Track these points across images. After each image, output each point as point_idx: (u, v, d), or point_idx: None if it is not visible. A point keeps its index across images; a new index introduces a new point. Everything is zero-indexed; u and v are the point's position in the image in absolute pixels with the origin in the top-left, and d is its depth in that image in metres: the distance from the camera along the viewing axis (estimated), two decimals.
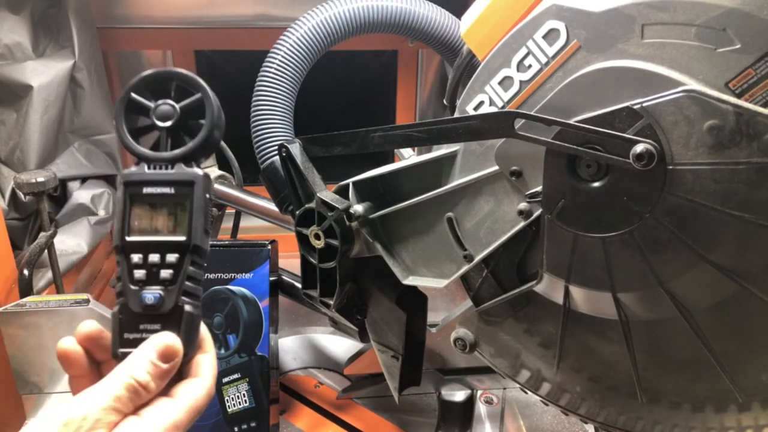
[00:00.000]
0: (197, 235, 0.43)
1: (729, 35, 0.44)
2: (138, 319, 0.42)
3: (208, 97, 0.44)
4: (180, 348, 0.41)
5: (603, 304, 0.54)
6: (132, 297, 0.42)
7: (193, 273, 0.43)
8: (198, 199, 0.43)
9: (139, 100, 0.44)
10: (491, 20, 0.55)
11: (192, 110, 0.44)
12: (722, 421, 0.55)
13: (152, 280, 0.42)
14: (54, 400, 0.87)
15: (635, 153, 0.46)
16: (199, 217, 0.43)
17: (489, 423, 0.90)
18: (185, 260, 0.42)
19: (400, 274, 0.65)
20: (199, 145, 0.43)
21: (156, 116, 0.44)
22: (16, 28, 1.05)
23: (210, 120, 0.43)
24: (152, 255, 0.42)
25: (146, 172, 0.43)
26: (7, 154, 1.07)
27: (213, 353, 0.45)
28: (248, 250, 0.85)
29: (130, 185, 0.43)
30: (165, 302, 0.42)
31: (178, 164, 0.43)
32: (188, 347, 0.42)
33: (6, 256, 0.87)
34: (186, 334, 0.42)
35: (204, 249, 0.44)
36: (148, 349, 0.40)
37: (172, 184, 0.43)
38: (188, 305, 0.42)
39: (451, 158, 0.59)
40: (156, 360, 0.40)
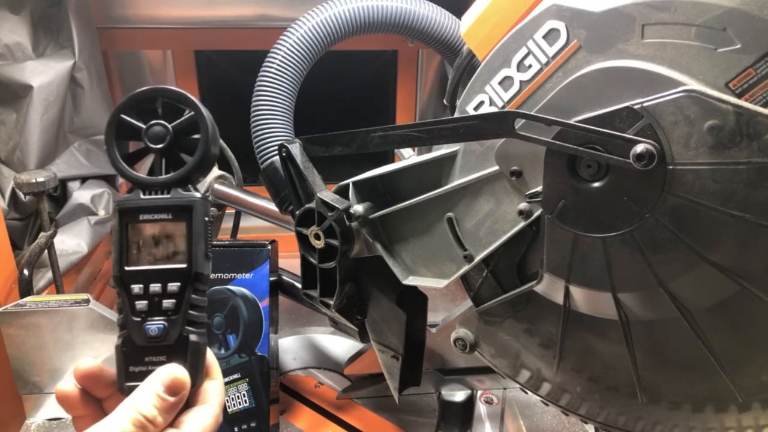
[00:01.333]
0: (198, 262, 0.41)
1: (729, 35, 0.44)
2: (142, 351, 0.41)
3: (202, 115, 0.42)
4: (187, 380, 0.40)
5: (603, 304, 0.54)
6: (135, 329, 0.41)
7: (196, 301, 0.42)
8: (197, 224, 0.41)
9: (130, 122, 0.42)
10: (491, 20, 0.55)
11: (185, 129, 0.42)
12: (722, 421, 0.55)
13: (154, 310, 0.41)
14: (54, 400, 0.87)
15: (635, 153, 0.46)
16: (199, 243, 0.41)
17: (489, 423, 0.90)
18: (187, 289, 0.41)
19: (400, 274, 0.65)
20: (194, 167, 0.42)
21: (148, 138, 0.42)
22: (16, 28, 1.05)
23: (205, 140, 0.42)
24: (153, 285, 0.41)
25: (141, 198, 0.42)
26: (7, 154, 1.07)
27: (220, 380, 0.44)
28: (248, 250, 0.85)
29: (126, 213, 0.41)
30: (169, 333, 0.41)
31: (174, 188, 0.42)
32: (195, 377, 0.41)
33: (6, 256, 0.87)
34: (192, 364, 0.41)
35: (206, 275, 0.42)
36: (154, 383, 0.39)
37: (169, 210, 0.41)
38: (193, 335, 0.41)
39: (451, 158, 0.59)
40: (163, 393, 0.39)
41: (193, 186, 0.43)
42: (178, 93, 0.42)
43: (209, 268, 0.43)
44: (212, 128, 0.42)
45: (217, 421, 0.41)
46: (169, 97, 0.43)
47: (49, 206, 1.07)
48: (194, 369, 0.41)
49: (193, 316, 0.42)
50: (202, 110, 0.42)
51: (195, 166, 0.42)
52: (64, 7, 1.10)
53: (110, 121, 0.42)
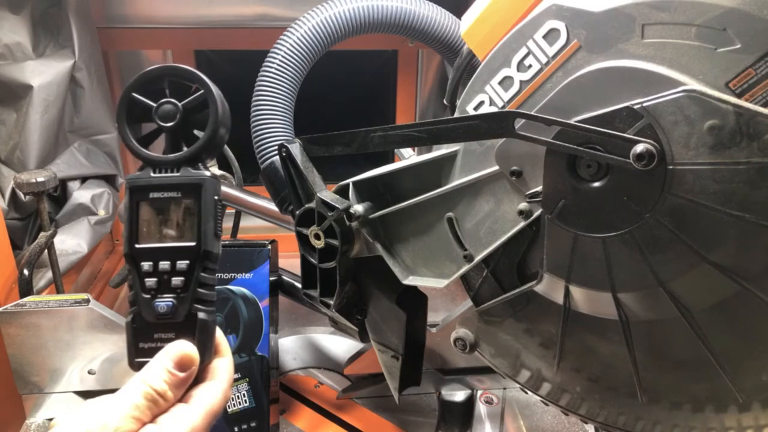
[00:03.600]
0: (207, 240, 0.41)
1: (729, 35, 0.44)
2: (152, 328, 0.41)
3: (211, 93, 0.42)
4: (196, 356, 0.41)
5: (603, 304, 0.54)
6: (145, 306, 0.41)
7: (205, 279, 0.42)
8: (206, 203, 0.41)
9: (141, 100, 0.42)
10: (491, 20, 0.55)
11: (195, 108, 0.42)
12: (722, 421, 0.55)
13: (164, 288, 0.41)
14: (54, 399, 0.87)
15: (635, 153, 0.46)
16: (208, 221, 0.41)
17: (489, 423, 0.90)
18: (196, 267, 0.41)
19: (400, 274, 0.65)
20: (203, 146, 0.42)
21: (159, 116, 0.42)
22: (16, 28, 1.05)
23: (214, 118, 0.42)
24: (162, 262, 0.41)
25: (151, 176, 0.42)
26: (7, 154, 1.07)
27: (230, 357, 0.44)
28: (248, 250, 0.85)
29: (136, 191, 0.42)
30: (178, 311, 0.41)
31: (184, 166, 0.42)
32: (204, 354, 0.42)
33: (6, 256, 0.87)
34: (201, 341, 0.41)
35: (215, 253, 0.42)
36: (164, 359, 0.40)
37: (179, 188, 0.42)
38: (202, 312, 0.42)
39: (451, 158, 0.59)
40: (173, 369, 0.40)
41: (203, 165, 0.43)
42: (188, 71, 0.42)
43: (219, 246, 0.43)
44: (222, 106, 0.42)
45: (226, 396, 0.42)
46: (178, 76, 0.43)
47: (49, 206, 1.07)
48: (203, 346, 0.41)
49: (201, 294, 0.42)
50: (212, 87, 0.42)
51: (204, 144, 0.42)
52: (64, 7, 1.10)
53: (121, 100, 0.42)
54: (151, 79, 0.43)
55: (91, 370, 0.85)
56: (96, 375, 0.86)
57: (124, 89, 0.43)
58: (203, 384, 0.42)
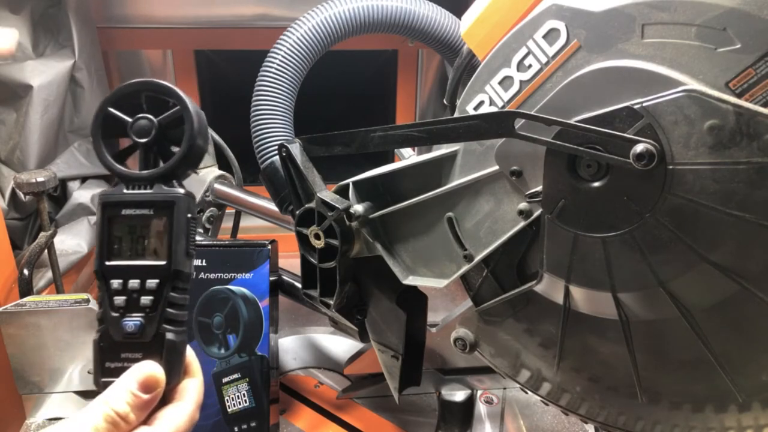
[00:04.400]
0: (178, 259, 0.41)
1: (729, 35, 0.44)
2: (119, 347, 0.41)
3: (187, 109, 0.41)
4: (162, 378, 0.40)
5: (603, 304, 0.54)
6: (113, 324, 0.41)
7: (175, 299, 0.41)
8: (178, 221, 0.41)
9: (116, 115, 0.42)
10: (491, 20, 0.55)
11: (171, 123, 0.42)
12: (722, 421, 0.55)
13: (132, 306, 0.41)
14: (54, 399, 0.87)
15: (635, 153, 0.46)
16: (179, 240, 0.41)
17: (489, 423, 0.90)
18: (166, 286, 0.41)
19: (400, 274, 0.65)
20: (177, 163, 0.41)
21: (134, 132, 0.42)
22: (16, 27, 1.05)
23: (189, 134, 0.41)
24: (132, 281, 0.41)
25: (124, 193, 0.41)
26: (7, 154, 1.07)
27: (199, 378, 0.43)
28: (248, 250, 0.85)
29: (108, 206, 0.41)
30: (146, 330, 0.40)
31: (158, 183, 0.41)
32: (171, 376, 0.41)
33: (6, 256, 0.87)
34: (169, 362, 0.41)
35: (186, 273, 0.42)
36: (129, 380, 0.39)
37: (151, 206, 0.41)
38: (170, 333, 0.41)
39: (451, 158, 0.59)
40: (136, 391, 0.39)
41: (178, 181, 0.42)
42: (164, 86, 0.42)
43: (191, 266, 0.42)
44: (198, 122, 0.42)
45: (192, 419, 0.41)
46: (154, 90, 0.42)
47: (49, 206, 1.07)
48: (170, 367, 0.41)
49: (171, 314, 0.41)
50: (188, 104, 0.41)
51: (178, 161, 0.41)
52: (64, 6, 1.10)
53: (96, 114, 0.42)
54: (127, 93, 0.42)
55: (91, 370, 0.85)
56: None
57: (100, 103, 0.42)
58: (169, 405, 0.41)
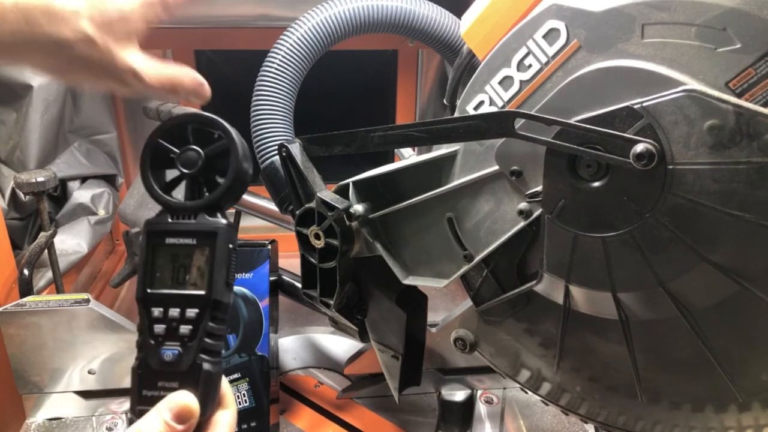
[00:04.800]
0: (218, 289, 0.41)
1: (729, 35, 0.44)
2: (156, 375, 0.41)
3: (233, 141, 0.42)
4: (196, 408, 0.40)
5: (603, 304, 0.54)
6: (151, 353, 0.41)
7: (213, 329, 0.42)
8: (220, 251, 0.41)
9: (165, 146, 0.43)
10: (491, 20, 0.55)
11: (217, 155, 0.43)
12: (722, 421, 0.55)
13: (171, 335, 0.41)
14: (54, 399, 0.87)
15: (635, 153, 0.46)
16: (220, 270, 0.41)
17: (489, 423, 0.90)
18: (205, 315, 0.41)
19: (400, 274, 0.65)
20: (222, 194, 0.42)
21: (181, 163, 0.43)
22: None
23: (234, 168, 0.42)
24: (172, 309, 0.41)
25: (168, 222, 0.42)
26: (7, 154, 1.07)
27: (233, 410, 0.44)
28: (248, 250, 0.85)
29: (153, 235, 0.42)
30: (183, 359, 0.41)
31: (202, 213, 0.42)
32: (206, 407, 0.41)
33: (6, 256, 0.87)
34: (204, 393, 0.41)
35: (225, 303, 0.42)
36: (163, 409, 0.39)
37: (194, 235, 0.42)
38: (207, 363, 0.41)
39: (451, 158, 0.59)
40: (171, 421, 0.39)
41: (221, 212, 0.43)
42: (210, 118, 0.43)
43: (230, 296, 0.43)
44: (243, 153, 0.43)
45: None
46: (201, 123, 0.43)
47: (49, 206, 1.07)
48: (205, 398, 0.41)
49: (208, 344, 0.41)
50: (234, 135, 0.42)
51: (223, 193, 0.43)
52: None
53: (146, 145, 0.43)
54: (175, 125, 0.44)
55: (91, 370, 0.85)
56: (96, 375, 0.86)
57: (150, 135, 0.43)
58: None
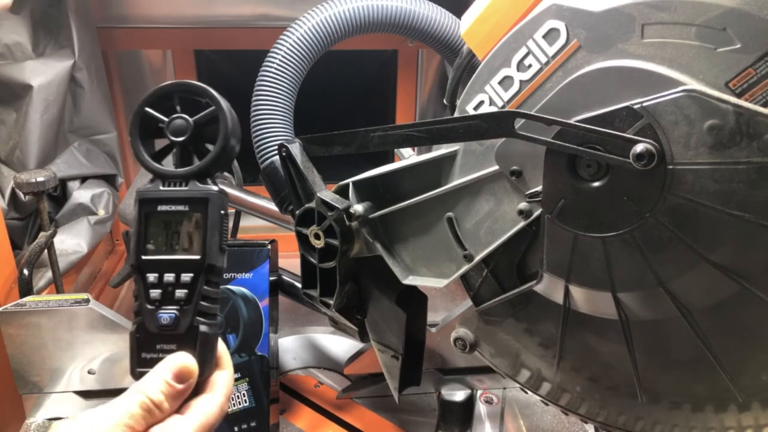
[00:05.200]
0: (212, 254, 0.42)
1: (729, 35, 0.44)
2: (154, 339, 0.42)
3: (222, 110, 0.43)
4: (195, 369, 0.41)
5: (603, 304, 0.54)
6: (148, 317, 0.42)
7: (209, 292, 0.43)
8: (212, 217, 0.42)
9: (153, 115, 0.44)
10: (491, 20, 0.55)
11: (206, 123, 0.44)
12: (722, 420, 0.55)
13: (168, 299, 0.42)
14: (54, 399, 0.87)
15: (635, 153, 0.46)
16: (213, 235, 0.42)
17: (489, 423, 0.90)
18: (200, 280, 0.42)
19: (400, 274, 0.65)
20: (212, 161, 0.43)
21: (170, 131, 0.44)
22: (16, 27, 1.05)
23: (223, 134, 0.43)
24: (167, 274, 0.42)
25: (160, 189, 0.43)
26: (6, 154, 1.07)
27: (230, 370, 0.45)
28: (248, 250, 0.85)
29: (145, 203, 0.43)
30: (180, 323, 0.42)
31: (193, 180, 0.43)
32: (204, 367, 0.42)
33: (6, 256, 0.87)
34: (201, 354, 0.42)
35: (219, 267, 0.43)
36: (163, 370, 0.41)
37: (186, 202, 0.43)
38: (203, 325, 0.42)
39: (451, 158, 0.59)
40: (171, 380, 0.40)
41: (211, 179, 0.44)
42: (198, 86, 0.44)
43: (224, 260, 0.44)
44: (233, 123, 0.44)
45: (222, 409, 0.43)
46: (189, 91, 0.44)
47: (49, 206, 1.06)
48: (203, 359, 0.42)
49: (204, 307, 0.43)
50: (222, 103, 0.43)
51: (213, 159, 0.43)
52: (64, 6, 1.10)
53: (135, 114, 0.44)
54: (163, 94, 0.44)
55: (91, 370, 0.85)
56: (96, 375, 0.86)
57: (138, 104, 0.44)
58: (201, 396, 0.42)
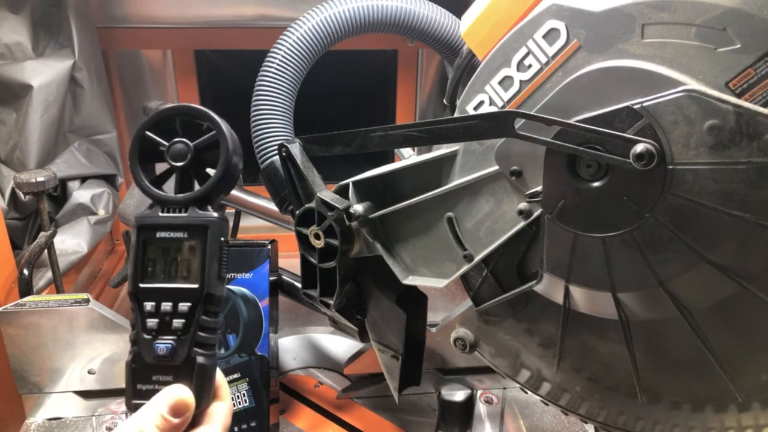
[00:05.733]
0: (210, 283, 0.41)
1: (729, 35, 0.44)
2: (151, 369, 0.41)
3: (223, 134, 0.42)
4: (191, 402, 0.40)
5: (603, 304, 0.54)
6: (145, 347, 0.41)
7: (207, 322, 0.42)
8: (212, 245, 0.41)
9: (154, 139, 0.43)
10: (491, 20, 0.55)
11: (207, 148, 0.43)
12: (722, 421, 0.55)
13: (165, 329, 0.41)
14: (54, 399, 0.87)
15: (635, 153, 0.46)
16: (212, 264, 0.41)
17: (489, 423, 0.90)
18: (198, 309, 0.41)
19: (400, 274, 0.65)
20: (211, 187, 0.42)
21: (170, 155, 0.43)
22: (16, 27, 1.05)
23: (224, 160, 0.42)
24: (164, 303, 0.41)
25: (159, 216, 0.42)
26: (6, 154, 1.07)
27: (228, 402, 0.44)
28: (248, 250, 0.85)
29: (143, 229, 0.42)
30: (177, 353, 0.41)
31: (192, 207, 0.42)
32: (201, 399, 0.41)
33: (6, 256, 0.87)
34: (199, 386, 0.41)
35: (218, 296, 0.42)
36: (159, 403, 0.39)
37: (185, 229, 0.42)
38: (201, 356, 0.41)
39: (451, 158, 0.59)
40: (167, 414, 0.39)
41: (212, 205, 0.43)
42: (199, 110, 0.43)
43: (222, 289, 0.43)
44: (233, 145, 0.43)
45: None
46: (191, 115, 0.43)
47: (49, 206, 1.07)
48: (200, 391, 0.41)
49: (202, 337, 0.41)
50: (223, 127, 0.42)
51: (212, 185, 0.42)
52: (64, 6, 1.10)
53: (134, 137, 0.43)
54: (163, 118, 0.43)
55: (91, 370, 0.85)
56: (96, 375, 0.86)
57: (138, 128, 0.43)
58: (197, 429, 0.41)
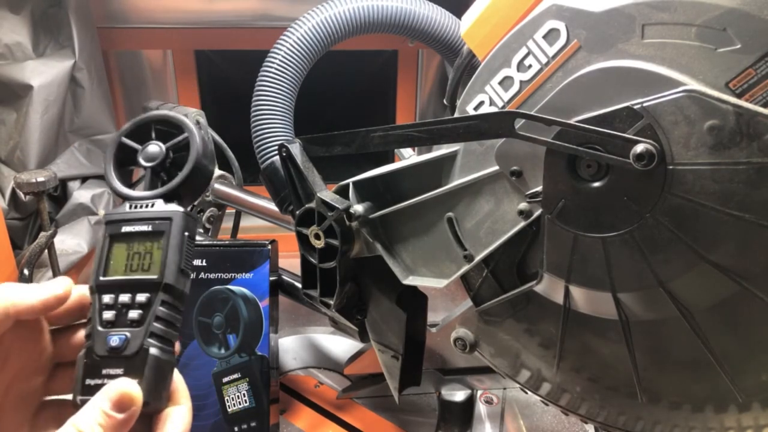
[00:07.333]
0: (169, 274, 0.40)
1: (729, 35, 0.44)
2: (102, 363, 0.39)
3: (193, 134, 0.44)
4: (137, 395, 0.36)
5: (603, 304, 0.54)
6: (98, 339, 0.39)
7: (164, 314, 0.40)
8: (174, 237, 0.41)
9: (129, 144, 0.46)
10: (491, 20, 0.55)
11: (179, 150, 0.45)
12: (722, 421, 0.55)
13: (120, 321, 0.40)
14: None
15: (635, 153, 0.46)
16: (174, 255, 0.41)
17: (489, 423, 0.90)
18: (155, 299, 0.40)
19: (400, 274, 0.65)
20: (177, 184, 0.43)
21: (143, 156, 0.45)
22: (16, 27, 1.05)
23: (193, 157, 0.44)
24: (123, 295, 0.40)
25: (126, 211, 0.43)
26: (7, 154, 1.07)
27: (187, 406, 0.40)
28: (248, 250, 0.85)
29: (110, 224, 0.42)
30: (130, 344, 0.39)
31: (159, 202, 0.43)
32: (151, 395, 0.38)
33: (6, 256, 0.87)
34: (150, 380, 0.38)
35: (178, 289, 0.41)
36: (101, 398, 0.36)
37: (149, 221, 0.42)
38: (154, 348, 0.39)
39: (451, 158, 0.59)
40: (109, 410, 0.35)
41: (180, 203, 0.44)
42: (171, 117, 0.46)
43: (185, 284, 0.42)
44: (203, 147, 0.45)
45: None
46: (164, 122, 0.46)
47: (49, 206, 1.07)
48: (152, 386, 0.38)
49: (157, 329, 0.40)
50: (194, 130, 0.45)
51: (180, 182, 0.44)
52: (64, 6, 1.10)
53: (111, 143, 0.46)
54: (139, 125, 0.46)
55: None
56: None
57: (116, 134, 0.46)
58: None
